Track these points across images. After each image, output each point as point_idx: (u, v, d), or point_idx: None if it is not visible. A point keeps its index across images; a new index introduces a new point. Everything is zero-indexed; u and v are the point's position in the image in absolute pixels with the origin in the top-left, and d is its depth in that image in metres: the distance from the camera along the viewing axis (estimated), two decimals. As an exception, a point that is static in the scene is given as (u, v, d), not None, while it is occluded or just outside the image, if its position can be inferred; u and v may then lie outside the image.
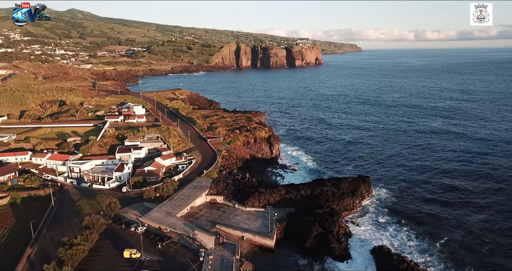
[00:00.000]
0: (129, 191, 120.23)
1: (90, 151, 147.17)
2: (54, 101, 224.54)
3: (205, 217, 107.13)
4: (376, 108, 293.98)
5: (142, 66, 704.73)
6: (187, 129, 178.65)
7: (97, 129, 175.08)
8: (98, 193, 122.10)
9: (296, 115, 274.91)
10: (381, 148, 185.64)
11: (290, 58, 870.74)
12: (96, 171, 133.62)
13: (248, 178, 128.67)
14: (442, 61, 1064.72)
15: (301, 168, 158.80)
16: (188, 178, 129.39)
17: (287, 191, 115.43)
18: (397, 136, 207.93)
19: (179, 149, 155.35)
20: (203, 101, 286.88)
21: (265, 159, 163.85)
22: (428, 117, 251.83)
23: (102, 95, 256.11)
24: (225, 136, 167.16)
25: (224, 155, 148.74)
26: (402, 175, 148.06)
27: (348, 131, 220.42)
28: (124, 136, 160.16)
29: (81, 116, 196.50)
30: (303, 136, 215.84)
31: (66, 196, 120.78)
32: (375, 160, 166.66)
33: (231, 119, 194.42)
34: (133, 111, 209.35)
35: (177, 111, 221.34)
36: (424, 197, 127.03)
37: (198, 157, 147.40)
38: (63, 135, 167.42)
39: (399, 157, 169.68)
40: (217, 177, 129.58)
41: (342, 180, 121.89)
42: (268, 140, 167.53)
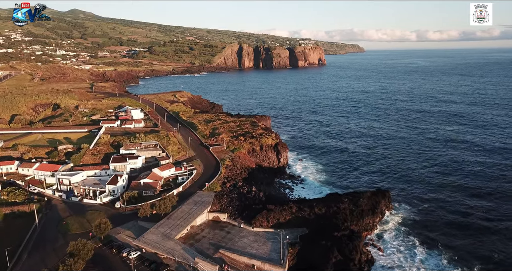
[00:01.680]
0: (122, 207, 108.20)
1: (82, 160, 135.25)
2: (47, 105, 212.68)
3: (207, 239, 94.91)
4: (387, 113, 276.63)
5: (143, 67, 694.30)
6: (187, 136, 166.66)
7: (91, 135, 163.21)
8: (89, 208, 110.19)
9: (302, 119, 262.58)
10: (396, 157, 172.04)
11: (293, 58, 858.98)
12: (87, 183, 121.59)
13: (255, 191, 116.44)
14: (447, 62, 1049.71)
15: (311, 179, 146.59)
16: (188, 192, 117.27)
17: (299, 208, 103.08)
18: (412, 143, 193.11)
19: (179, 158, 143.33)
20: (205, 104, 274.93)
21: (272, 168, 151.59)
22: (443, 124, 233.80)
23: (99, 98, 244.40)
24: (229, 143, 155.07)
25: (228, 165, 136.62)
26: (423, 187, 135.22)
27: (358, 138, 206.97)
28: (120, 143, 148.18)
29: (75, 121, 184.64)
30: (311, 142, 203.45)
31: (53, 212, 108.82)
32: (391, 170, 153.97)
33: (235, 124, 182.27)
34: (130, 116, 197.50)
35: (177, 115, 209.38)
36: (451, 213, 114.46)
37: (200, 166, 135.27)
38: (55, 142, 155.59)
39: (417, 167, 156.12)
40: (221, 190, 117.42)
41: (360, 195, 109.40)
42: (275, 148, 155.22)
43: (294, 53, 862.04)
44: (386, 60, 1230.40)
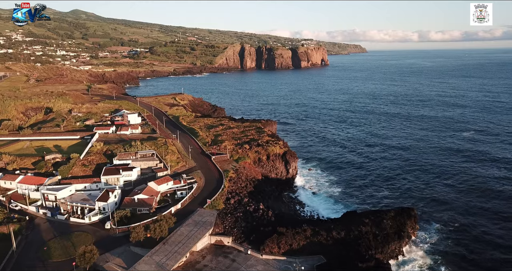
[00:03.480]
0: (113, 228, 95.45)
1: (71, 172, 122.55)
2: (39, 108, 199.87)
3: (209, 268, 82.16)
4: (399, 118, 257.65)
5: (144, 68, 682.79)
6: (188, 143, 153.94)
7: (83, 143, 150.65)
8: (75, 229, 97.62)
9: (308, 123, 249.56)
10: (414, 168, 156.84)
11: (295, 59, 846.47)
12: (75, 199, 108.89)
13: (263, 209, 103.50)
14: (451, 62, 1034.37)
15: (323, 192, 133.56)
16: (188, 209, 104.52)
17: (314, 231, 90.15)
18: (430, 153, 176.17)
19: (178, 169, 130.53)
20: (206, 107, 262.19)
21: (280, 179, 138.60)
22: (460, 131, 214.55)
23: (95, 101, 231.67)
24: (233, 152, 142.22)
25: (232, 177, 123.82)
26: (452, 203, 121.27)
27: (372, 146, 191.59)
28: (114, 152, 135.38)
29: (67, 126, 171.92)
30: (319, 149, 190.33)
31: (35, 233, 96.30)
32: (409, 183, 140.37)
33: (239, 130, 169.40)
34: (127, 120, 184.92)
35: (177, 120, 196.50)
36: (487, 235, 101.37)
37: (201, 179, 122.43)
38: (43, 151, 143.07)
39: (438, 181, 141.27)
40: (224, 208, 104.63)
41: (383, 215, 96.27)
42: (284, 157, 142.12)
43: (297, 54, 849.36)
44: (389, 60, 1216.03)
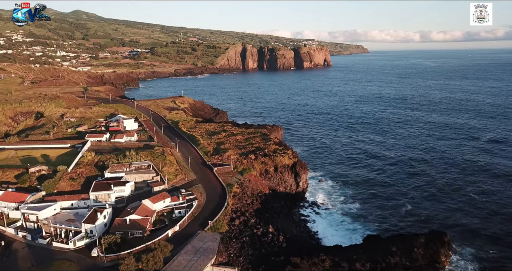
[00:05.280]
0: (100, 256, 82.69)
1: (56, 187, 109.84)
2: (29, 113, 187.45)
3: (211, 309, 69.57)
4: (414, 124, 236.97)
5: (144, 68, 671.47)
6: (187, 152, 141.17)
7: (73, 152, 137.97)
8: (58, 256, 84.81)
9: (316, 128, 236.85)
10: (439, 181, 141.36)
11: (298, 59, 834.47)
12: (60, 219, 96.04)
13: (272, 233, 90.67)
14: (456, 62, 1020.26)
15: (338, 209, 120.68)
16: (187, 232, 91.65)
17: (334, 261, 77.32)
18: (454, 163, 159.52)
19: (176, 182, 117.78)
20: (208, 110, 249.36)
21: (289, 193, 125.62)
22: (484, 143, 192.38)
23: (90, 105, 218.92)
24: (237, 163, 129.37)
25: (236, 192, 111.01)
26: (487, 225, 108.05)
27: (386, 156, 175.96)
28: (106, 164, 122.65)
29: (58, 133, 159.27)
30: (329, 157, 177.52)
31: (10, 261, 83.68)
32: (435, 199, 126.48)
33: (243, 138, 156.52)
34: (123, 126, 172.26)
35: (176, 125, 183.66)
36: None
37: (201, 195, 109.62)
38: (30, 160, 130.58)
39: (467, 197, 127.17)
40: (228, 230, 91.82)
41: (411, 242, 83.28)
42: (293, 169, 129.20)
43: (299, 54, 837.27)
44: (392, 61, 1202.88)
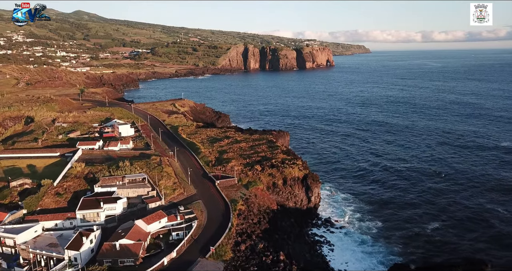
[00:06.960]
0: (85, 291, 70.96)
1: (40, 204, 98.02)
2: (19, 118, 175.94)
3: None
4: (429, 130, 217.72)
5: (145, 69, 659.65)
6: (187, 162, 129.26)
7: (63, 162, 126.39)
8: (36, 289, 73.34)
9: (323, 133, 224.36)
10: (466, 197, 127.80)
11: (300, 60, 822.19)
12: (40, 244, 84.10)
13: (284, 261, 78.62)
14: (460, 63, 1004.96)
15: (355, 228, 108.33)
16: (185, 259, 79.65)
17: (359, 301, 65.31)
18: (483, 178, 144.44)
19: (175, 198, 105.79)
20: (209, 114, 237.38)
21: (299, 209, 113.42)
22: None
23: (85, 108, 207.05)
24: (241, 174, 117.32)
25: (241, 210, 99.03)
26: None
27: (400, 166, 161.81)
28: (96, 177, 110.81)
29: (48, 140, 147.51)
30: (340, 166, 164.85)
31: (-20, 297, 72.20)
32: (464, 216, 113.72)
33: (248, 145, 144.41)
34: (118, 132, 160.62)
35: (176, 131, 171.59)
36: None
37: (202, 213, 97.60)
38: (14, 172, 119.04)
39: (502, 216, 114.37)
40: (233, 257, 79.85)
41: (447, 274, 71.38)
42: (304, 181, 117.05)
43: (302, 54, 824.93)
44: (395, 61, 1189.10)
